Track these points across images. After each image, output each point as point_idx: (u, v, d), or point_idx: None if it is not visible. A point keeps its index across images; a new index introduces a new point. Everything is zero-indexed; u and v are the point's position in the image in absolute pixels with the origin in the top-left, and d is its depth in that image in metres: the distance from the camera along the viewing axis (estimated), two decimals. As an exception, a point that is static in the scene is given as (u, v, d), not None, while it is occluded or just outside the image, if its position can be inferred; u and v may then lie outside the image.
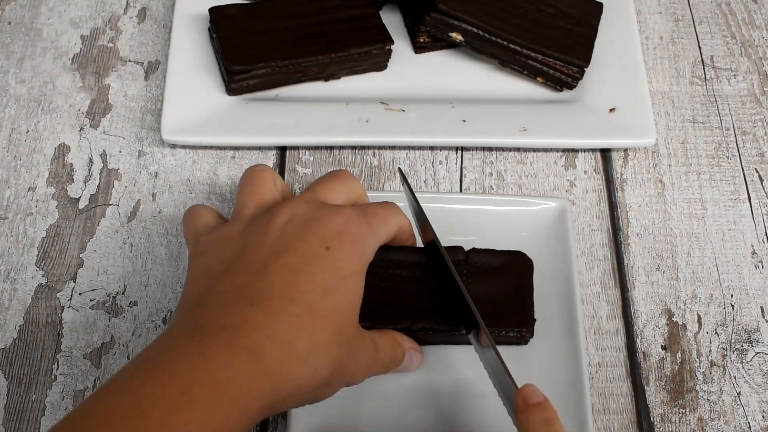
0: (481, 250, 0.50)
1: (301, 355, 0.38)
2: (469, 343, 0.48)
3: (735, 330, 0.53)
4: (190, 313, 0.40)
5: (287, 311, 0.39)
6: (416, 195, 0.49)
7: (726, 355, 0.52)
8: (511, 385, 0.41)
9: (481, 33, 0.59)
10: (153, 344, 0.38)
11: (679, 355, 0.52)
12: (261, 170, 0.47)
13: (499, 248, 0.50)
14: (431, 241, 0.47)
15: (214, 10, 0.60)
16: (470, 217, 0.54)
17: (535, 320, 0.49)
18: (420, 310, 0.47)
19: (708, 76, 0.65)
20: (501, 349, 0.43)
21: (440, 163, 0.59)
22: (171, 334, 0.38)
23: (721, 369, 0.52)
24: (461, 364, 0.49)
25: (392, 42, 0.60)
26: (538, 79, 0.61)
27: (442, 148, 0.60)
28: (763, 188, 0.60)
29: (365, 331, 0.44)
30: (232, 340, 0.37)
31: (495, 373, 0.43)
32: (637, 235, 0.57)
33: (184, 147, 0.59)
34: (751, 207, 0.59)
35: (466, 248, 0.50)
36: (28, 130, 0.59)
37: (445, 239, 0.52)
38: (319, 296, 0.40)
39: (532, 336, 0.49)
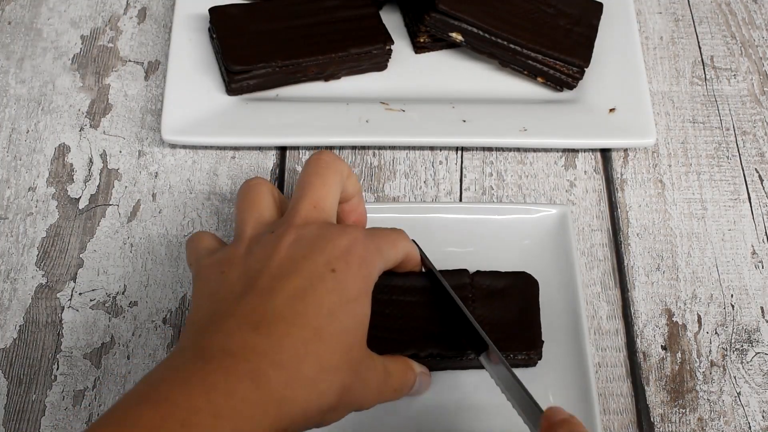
0: (485, 272, 0.49)
1: (307, 379, 0.38)
2: (476, 366, 0.47)
3: (735, 330, 0.53)
4: (194, 338, 0.39)
5: (293, 336, 0.38)
6: (415, 205, 0.49)
7: (726, 355, 0.52)
8: (535, 408, 0.41)
9: (481, 33, 0.59)
10: (155, 370, 0.37)
11: (679, 355, 0.52)
12: (256, 184, 0.46)
13: (500, 258, 0.50)
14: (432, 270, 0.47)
15: (214, 10, 0.60)
16: (470, 227, 0.54)
17: (543, 342, 0.48)
18: (427, 336, 0.47)
19: (708, 76, 0.65)
20: (525, 369, 0.43)
21: (440, 163, 0.59)
22: (173, 360, 0.38)
23: (721, 369, 0.52)
24: (468, 386, 0.49)
25: (392, 42, 0.60)
26: (538, 79, 0.61)
27: (442, 148, 0.60)
28: (763, 188, 0.60)
29: (375, 355, 0.43)
30: (235, 366, 0.36)
31: (511, 392, 0.43)
32: (637, 235, 0.57)
33: (184, 147, 0.59)
34: (751, 207, 0.59)
35: (467, 259, 0.49)
36: (28, 130, 0.59)
37: (445, 251, 0.52)
38: (326, 320, 0.39)
39: (540, 358, 0.49)
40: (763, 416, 0.50)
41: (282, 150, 0.59)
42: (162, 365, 0.37)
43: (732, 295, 0.55)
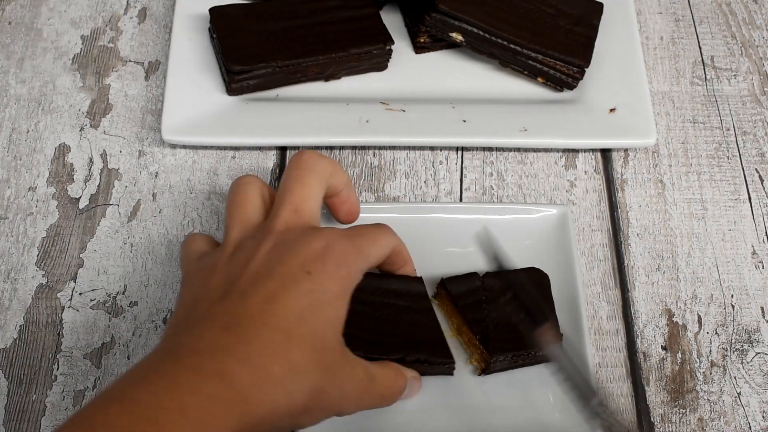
0: (495, 273, 0.48)
1: (275, 379, 0.38)
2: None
3: (735, 330, 0.53)
4: (168, 340, 0.40)
5: (262, 336, 0.38)
6: (416, 205, 0.49)
7: (726, 355, 0.52)
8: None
9: (481, 33, 0.59)
10: (127, 372, 0.38)
11: (679, 355, 0.52)
12: (246, 183, 0.46)
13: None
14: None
15: (214, 10, 0.60)
16: (470, 227, 0.53)
17: (562, 335, 0.48)
18: (415, 341, 0.46)
19: (708, 77, 0.65)
20: (526, 369, 0.43)
21: (440, 163, 0.59)
22: (145, 361, 0.38)
23: (722, 369, 0.52)
24: (460, 389, 0.49)
25: (392, 42, 0.60)
26: (539, 79, 0.61)
27: (442, 148, 0.60)
28: (764, 188, 0.59)
29: (357, 360, 0.42)
30: (202, 364, 0.37)
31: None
32: (638, 235, 0.57)
33: (184, 147, 0.59)
34: (751, 207, 0.59)
35: (467, 259, 0.49)
36: (28, 130, 0.59)
37: (445, 251, 0.52)
38: (296, 322, 0.39)
39: None
40: (763, 416, 0.50)
41: (282, 150, 0.59)
42: (134, 367, 0.38)
43: (732, 296, 0.55)
